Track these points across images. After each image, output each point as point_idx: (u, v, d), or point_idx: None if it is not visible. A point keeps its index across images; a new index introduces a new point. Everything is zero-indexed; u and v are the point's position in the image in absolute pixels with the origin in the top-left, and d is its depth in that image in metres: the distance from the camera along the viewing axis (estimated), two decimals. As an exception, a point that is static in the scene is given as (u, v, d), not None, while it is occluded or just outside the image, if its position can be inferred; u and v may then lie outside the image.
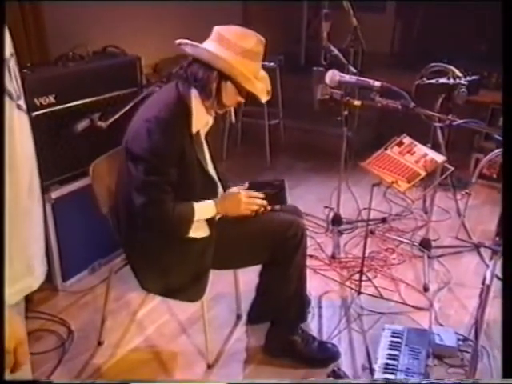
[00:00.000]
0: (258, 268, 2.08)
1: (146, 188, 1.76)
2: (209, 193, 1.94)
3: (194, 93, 1.82)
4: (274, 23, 4.82)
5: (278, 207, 2.03)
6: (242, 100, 1.88)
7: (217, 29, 1.82)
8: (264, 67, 1.90)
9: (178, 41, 1.81)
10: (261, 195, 1.96)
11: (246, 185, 2.03)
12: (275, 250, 1.96)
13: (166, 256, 1.89)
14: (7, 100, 0.97)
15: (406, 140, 2.46)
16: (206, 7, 4.03)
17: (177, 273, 1.90)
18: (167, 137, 1.75)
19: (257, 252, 1.99)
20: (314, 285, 2.54)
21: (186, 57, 1.86)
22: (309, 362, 2.11)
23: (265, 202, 1.95)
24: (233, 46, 1.76)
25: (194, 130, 1.84)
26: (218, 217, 1.94)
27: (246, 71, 1.77)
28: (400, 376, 1.96)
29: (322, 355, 2.14)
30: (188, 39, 1.81)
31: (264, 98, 1.87)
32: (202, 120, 1.88)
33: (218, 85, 1.79)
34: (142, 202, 1.76)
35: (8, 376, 0.96)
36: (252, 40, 1.78)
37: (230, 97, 1.84)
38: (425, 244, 2.87)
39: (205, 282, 1.93)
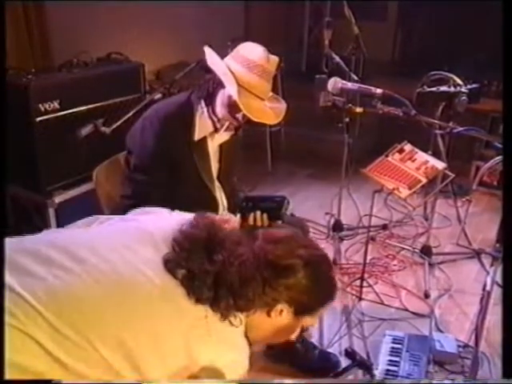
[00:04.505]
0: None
1: (130, 183, 1.81)
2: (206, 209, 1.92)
3: (202, 101, 1.82)
4: (275, 30, 4.86)
5: (279, 222, 1.99)
6: (237, 116, 1.77)
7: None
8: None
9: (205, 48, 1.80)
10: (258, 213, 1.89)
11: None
12: None
13: None
14: None
15: (407, 147, 2.47)
16: (208, 15, 4.06)
17: None
18: (158, 136, 1.75)
19: None
20: (315, 291, 2.55)
21: (188, 63, 1.88)
22: (309, 371, 2.10)
23: (264, 218, 1.92)
24: (239, 57, 1.74)
25: (197, 137, 1.84)
26: None
27: (243, 81, 1.70)
28: (401, 382, 1.96)
29: (322, 364, 2.13)
30: (191, 48, 1.83)
31: (257, 118, 1.74)
32: (204, 128, 1.85)
33: (213, 89, 1.77)
34: (124, 194, 1.81)
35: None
36: (259, 53, 1.72)
37: (223, 107, 1.77)
38: (425, 251, 2.88)
39: None
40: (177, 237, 1.15)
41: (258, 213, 1.90)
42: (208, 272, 1.09)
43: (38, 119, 2.27)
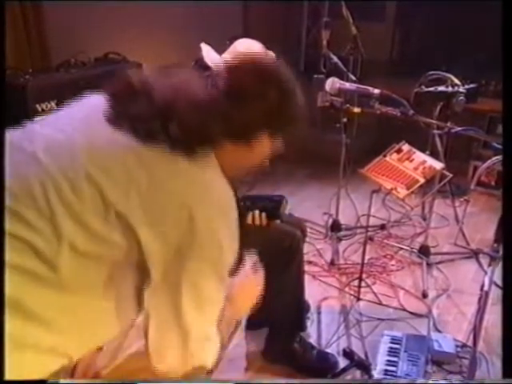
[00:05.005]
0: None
1: None
2: None
3: None
4: (273, 30, 4.85)
5: (278, 221, 2.00)
6: None
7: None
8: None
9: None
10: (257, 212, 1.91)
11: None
12: (270, 259, 1.96)
13: None
14: None
15: (405, 147, 2.48)
16: (207, 15, 4.06)
17: None
18: None
19: None
20: (313, 291, 2.55)
21: (187, 64, 1.87)
22: (307, 371, 2.10)
23: (263, 219, 1.91)
24: (237, 54, 1.76)
25: None
26: None
27: None
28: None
29: (321, 365, 2.12)
30: (189, 47, 1.82)
31: None
32: None
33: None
34: None
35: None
36: (258, 50, 1.75)
37: None
38: (423, 251, 2.88)
39: None
40: (112, 94, 1.12)
41: (257, 212, 1.90)
42: (152, 112, 1.03)
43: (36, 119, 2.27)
